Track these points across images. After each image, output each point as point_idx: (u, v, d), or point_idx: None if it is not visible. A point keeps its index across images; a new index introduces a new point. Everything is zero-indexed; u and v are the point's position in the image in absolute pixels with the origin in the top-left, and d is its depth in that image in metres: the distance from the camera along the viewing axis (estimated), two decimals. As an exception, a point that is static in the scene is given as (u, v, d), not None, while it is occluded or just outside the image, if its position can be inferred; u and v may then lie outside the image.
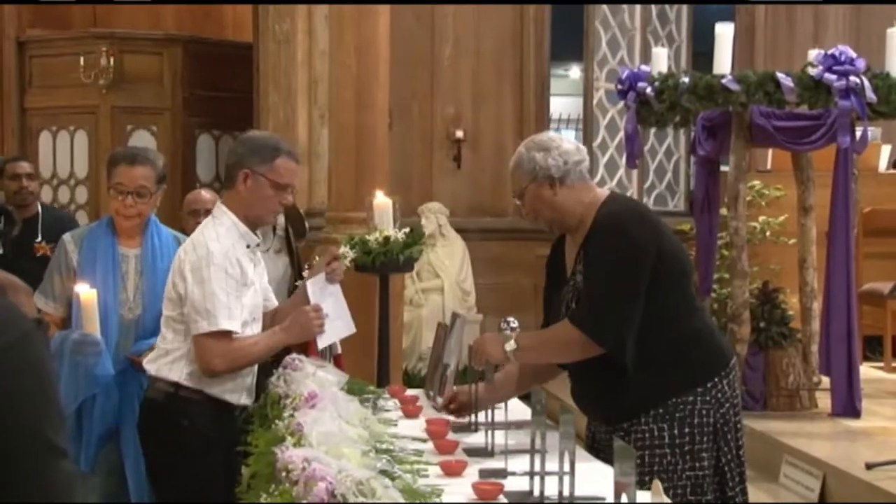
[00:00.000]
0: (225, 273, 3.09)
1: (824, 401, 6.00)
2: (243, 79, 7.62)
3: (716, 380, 2.98)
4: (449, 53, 8.59)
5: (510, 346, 2.98)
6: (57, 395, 1.14)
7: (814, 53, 5.87)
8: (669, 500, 2.23)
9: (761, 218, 7.23)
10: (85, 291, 3.40)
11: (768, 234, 7.21)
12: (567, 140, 3.09)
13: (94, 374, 3.38)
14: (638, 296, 2.89)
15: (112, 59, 7.60)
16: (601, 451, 3.02)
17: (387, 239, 4.54)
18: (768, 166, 7.78)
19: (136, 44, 7.88)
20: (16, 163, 5.69)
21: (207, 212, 4.69)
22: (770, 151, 7.52)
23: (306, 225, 5.56)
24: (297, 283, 5.56)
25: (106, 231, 3.68)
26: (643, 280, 2.89)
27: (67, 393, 3.38)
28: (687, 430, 2.93)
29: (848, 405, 5.81)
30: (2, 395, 1.05)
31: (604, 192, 3.09)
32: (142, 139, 7.67)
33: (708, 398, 2.96)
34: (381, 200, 4.64)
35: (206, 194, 4.81)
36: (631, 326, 2.88)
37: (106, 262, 3.59)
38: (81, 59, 7.65)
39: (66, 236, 3.74)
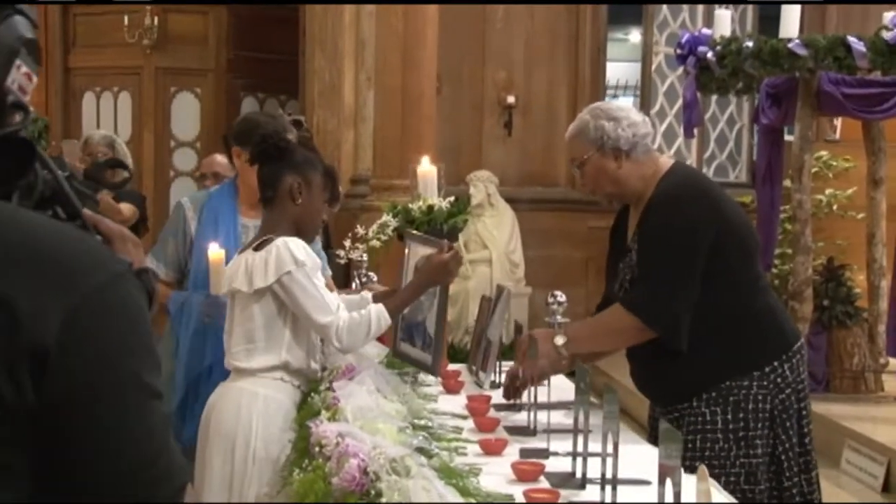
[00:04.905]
0: None
1: (891, 384, 5.95)
2: (289, 40, 7.51)
3: (775, 364, 2.86)
4: (501, 15, 8.35)
5: (559, 340, 2.90)
6: (151, 338, 1.14)
7: (889, 16, 5.71)
8: (716, 485, 2.13)
9: (828, 191, 7.07)
10: (214, 251, 3.22)
11: (835, 207, 7.06)
12: (633, 110, 3.00)
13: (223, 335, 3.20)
14: (693, 278, 2.79)
15: (156, 19, 7.52)
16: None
17: (430, 207, 4.49)
18: (836, 136, 7.62)
19: (181, 3, 7.77)
20: None
21: (215, 175, 4.53)
22: (839, 120, 7.32)
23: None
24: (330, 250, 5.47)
25: (228, 198, 3.46)
26: (699, 261, 2.79)
27: (192, 357, 3.26)
28: (741, 415, 2.83)
29: (916, 389, 5.77)
30: (96, 337, 1.06)
31: (667, 163, 2.97)
32: (185, 101, 7.58)
33: (766, 383, 2.84)
34: (425, 167, 4.59)
35: (219, 158, 4.68)
36: (686, 310, 2.79)
37: (228, 232, 3.37)
38: (125, 17, 7.57)
39: (185, 201, 3.53)
